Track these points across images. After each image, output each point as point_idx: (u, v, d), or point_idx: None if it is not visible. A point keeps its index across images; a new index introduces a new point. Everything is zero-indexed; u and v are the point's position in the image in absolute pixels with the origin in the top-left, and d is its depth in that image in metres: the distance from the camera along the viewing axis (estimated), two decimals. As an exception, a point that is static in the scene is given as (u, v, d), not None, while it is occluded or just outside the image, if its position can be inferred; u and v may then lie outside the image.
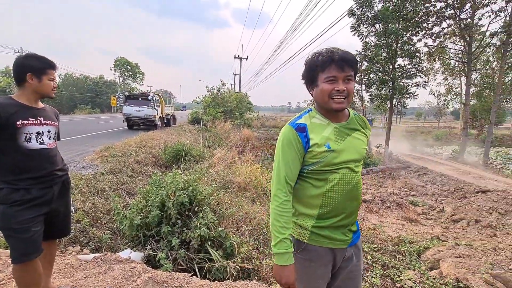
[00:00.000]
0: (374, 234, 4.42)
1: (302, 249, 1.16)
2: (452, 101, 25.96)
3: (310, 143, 1.12)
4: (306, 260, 1.16)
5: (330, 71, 1.09)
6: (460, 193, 7.17)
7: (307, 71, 1.17)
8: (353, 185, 1.15)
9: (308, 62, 1.16)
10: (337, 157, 1.12)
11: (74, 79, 48.25)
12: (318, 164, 1.12)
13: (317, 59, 1.12)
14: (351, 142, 1.17)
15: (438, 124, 40.53)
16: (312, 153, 1.12)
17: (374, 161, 11.56)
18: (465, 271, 2.89)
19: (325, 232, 1.15)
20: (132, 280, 2.06)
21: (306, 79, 1.19)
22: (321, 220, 1.15)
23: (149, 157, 7.71)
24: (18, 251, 1.52)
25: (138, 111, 14.20)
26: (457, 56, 17.40)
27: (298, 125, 1.15)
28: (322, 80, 1.11)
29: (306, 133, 1.13)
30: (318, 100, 1.16)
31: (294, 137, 1.13)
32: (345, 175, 1.14)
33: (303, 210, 1.18)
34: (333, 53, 1.09)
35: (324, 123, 1.16)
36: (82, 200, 3.92)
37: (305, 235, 1.16)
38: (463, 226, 4.96)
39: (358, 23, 12.62)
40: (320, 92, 1.12)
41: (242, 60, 30.05)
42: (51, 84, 1.66)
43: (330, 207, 1.14)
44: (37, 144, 1.58)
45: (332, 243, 1.16)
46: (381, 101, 13.72)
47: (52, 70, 1.66)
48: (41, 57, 1.65)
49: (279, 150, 1.16)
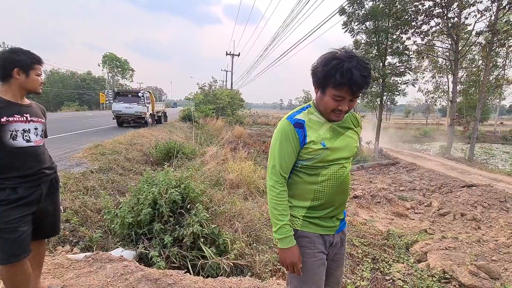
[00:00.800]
0: (364, 228, 4.51)
1: (297, 237, 1.21)
2: (439, 98, 26.64)
3: (307, 140, 1.15)
4: (302, 247, 1.22)
5: (341, 92, 1.08)
6: (447, 188, 7.38)
7: (321, 76, 1.10)
8: (342, 180, 1.22)
9: (326, 68, 1.08)
10: (330, 155, 1.17)
11: (60, 75, 46.88)
12: (313, 160, 1.17)
13: (334, 74, 1.05)
14: (344, 141, 1.21)
15: (426, 121, 41.48)
16: (308, 150, 1.16)
17: (365, 157, 11.75)
18: (451, 263, 3.00)
19: (314, 220, 1.22)
20: (125, 279, 2.04)
21: (316, 80, 1.15)
22: (312, 211, 1.22)
23: (140, 154, 7.61)
24: (6, 252, 1.48)
25: (128, 108, 13.95)
26: (445, 55, 17.80)
27: (296, 121, 1.17)
28: (330, 94, 1.10)
29: (303, 129, 1.16)
30: (319, 105, 1.18)
31: (292, 132, 1.16)
32: (336, 171, 1.19)
33: (295, 202, 1.24)
34: (352, 74, 1.03)
35: (321, 121, 1.19)
36: (71, 199, 3.85)
37: (297, 223, 1.23)
38: (449, 219, 5.11)
39: (349, 21, 12.73)
40: (323, 103, 1.14)
41: (234, 57, 29.89)
42: (39, 79, 1.62)
43: (321, 200, 1.20)
44: (23, 141, 1.54)
45: (323, 230, 1.23)
46: (372, 98, 13.93)
47: (39, 65, 1.62)
48: (28, 51, 1.60)
49: (276, 143, 1.18)
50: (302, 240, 1.22)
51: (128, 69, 52.10)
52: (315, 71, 1.14)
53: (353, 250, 3.61)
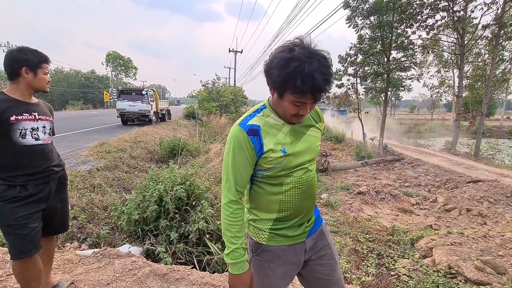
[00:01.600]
0: (369, 224, 4.51)
1: (260, 251, 1.12)
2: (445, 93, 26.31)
3: (264, 149, 1.01)
4: (265, 262, 1.12)
5: (302, 99, 0.93)
6: (452, 184, 7.33)
7: (278, 81, 0.93)
8: (308, 185, 1.10)
9: (284, 72, 0.90)
10: (293, 161, 1.04)
11: (64, 74, 47.23)
12: (273, 169, 1.04)
13: (294, 79, 0.89)
14: (306, 141, 1.09)
15: (431, 116, 41.05)
16: (267, 159, 1.02)
17: (369, 153, 11.69)
18: (457, 258, 2.99)
19: (282, 231, 1.11)
20: (133, 274, 2.08)
21: (272, 83, 0.97)
22: (279, 223, 1.11)
23: (144, 152, 7.67)
24: (17, 248, 1.51)
25: (132, 106, 14.03)
26: (450, 49, 17.55)
27: (249, 127, 1.02)
28: (289, 99, 0.95)
29: (259, 136, 1.01)
30: (277, 109, 1.03)
31: (245, 141, 1.00)
32: (301, 176, 1.08)
33: (261, 215, 1.12)
34: (314, 80, 0.88)
35: (279, 123, 1.04)
36: (78, 197, 3.91)
37: (263, 237, 1.11)
38: (455, 215, 5.09)
39: (353, 15, 12.59)
40: (282, 108, 1.00)
41: (236, 54, 29.78)
42: (46, 78, 1.63)
43: (288, 211, 1.09)
44: (32, 140, 1.56)
45: (291, 240, 1.12)
46: (376, 93, 13.81)
47: (46, 64, 1.63)
48: (35, 50, 1.61)
49: (229, 154, 1.03)
50: (266, 255, 1.12)
51: (132, 67, 52.27)
52: (269, 72, 0.96)
53: (358, 246, 3.62)
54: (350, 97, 14.47)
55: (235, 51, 29.70)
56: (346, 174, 9.12)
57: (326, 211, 5.42)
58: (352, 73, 13.71)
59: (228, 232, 1.06)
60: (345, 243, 3.64)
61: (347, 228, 4.23)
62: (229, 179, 1.04)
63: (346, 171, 9.46)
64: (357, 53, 13.00)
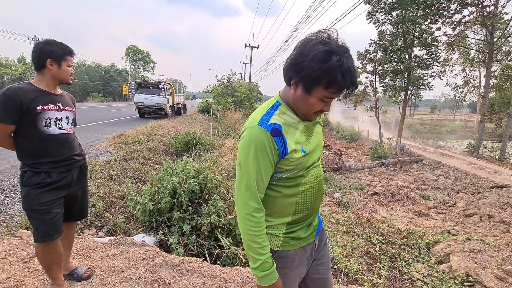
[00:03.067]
0: (383, 226, 4.41)
1: (275, 257, 1.05)
2: (469, 93, 25.04)
3: (288, 150, 0.94)
4: (279, 269, 1.05)
5: (332, 94, 0.90)
6: (474, 188, 7.01)
7: (315, 74, 0.86)
8: (320, 183, 1.08)
9: (325, 66, 0.84)
10: (309, 159, 1.00)
11: (86, 67, 48.95)
12: (293, 171, 0.98)
13: (335, 73, 0.85)
14: (316, 139, 1.06)
15: (454, 117, 39.31)
16: (289, 160, 0.95)
17: (385, 153, 11.38)
18: (476, 266, 2.86)
19: (296, 234, 1.06)
20: (147, 263, 2.14)
21: (302, 77, 0.89)
22: (292, 226, 1.06)
23: (160, 145, 7.84)
24: (41, 232, 1.58)
25: (149, 99, 14.35)
26: (478, 46, 16.63)
27: (272, 127, 0.93)
28: (319, 95, 0.90)
29: (282, 137, 0.94)
30: (299, 105, 0.96)
31: (269, 143, 0.92)
32: (315, 175, 1.05)
33: (275, 220, 1.05)
34: (351, 75, 0.86)
35: (295, 120, 0.99)
36: (96, 186, 4.05)
37: (277, 243, 1.05)
38: (475, 221, 4.87)
39: (375, 10, 12.17)
40: (307, 104, 0.93)
41: (253, 49, 29.66)
42: (70, 70, 1.68)
43: (304, 212, 1.05)
44: (56, 129, 1.63)
45: (303, 241, 1.08)
46: (395, 92, 13.35)
47: (70, 56, 1.68)
48: (60, 43, 1.67)
49: (249, 158, 0.92)
50: (281, 261, 1.05)
51: (150, 61, 53.37)
52: (301, 66, 0.88)
53: (371, 247, 3.54)
54: (368, 95, 14.08)
55: (251, 47, 29.58)
56: (360, 174, 8.93)
57: (339, 210, 5.34)
58: (371, 71, 13.31)
59: (254, 244, 0.95)
60: (357, 243, 3.57)
61: (360, 229, 4.16)
62: (250, 185, 0.94)
63: (361, 171, 9.26)
64: (377, 49, 12.58)
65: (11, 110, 1.48)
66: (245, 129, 0.96)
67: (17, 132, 1.56)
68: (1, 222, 2.87)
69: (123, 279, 1.94)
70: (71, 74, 1.71)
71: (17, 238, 2.46)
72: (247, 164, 0.93)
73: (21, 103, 1.49)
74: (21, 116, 1.51)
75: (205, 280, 2.02)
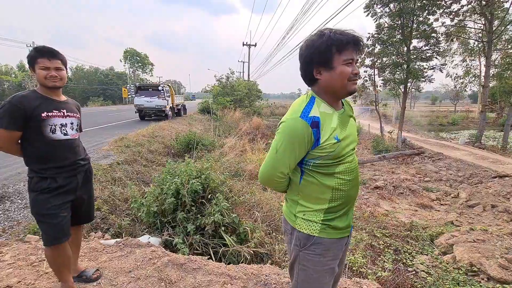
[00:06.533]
0: (386, 220, 4.43)
1: (310, 244, 1.10)
2: (470, 83, 24.85)
3: (321, 141, 1.03)
4: (315, 255, 1.10)
5: (349, 53, 1.01)
6: (476, 179, 7.00)
7: (319, 51, 1.02)
8: (356, 172, 1.14)
9: (320, 41, 1.01)
10: (343, 148, 1.07)
11: (84, 71, 49.02)
12: (326, 157, 1.05)
13: (334, 37, 1.00)
14: (351, 129, 1.13)
15: (455, 108, 39.06)
16: (322, 147, 1.04)
17: (387, 147, 11.36)
18: (479, 256, 2.88)
19: (334, 222, 1.11)
20: (153, 263, 2.17)
21: (316, 62, 1.04)
22: (330, 214, 1.11)
23: (161, 147, 7.88)
24: (49, 235, 1.62)
25: (149, 102, 14.39)
26: (477, 36, 16.51)
27: (312, 120, 1.02)
28: (339, 61, 1.01)
29: (318, 129, 1.03)
30: (334, 84, 1.04)
31: (308, 134, 1.02)
32: (350, 163, 1.11)
33: (312, 206, 1.11)
34: (348, 34, 1.01)
35: (330, 112, 1.07)
36: (100, 189, 4.10)
37: (315, 228, 1.10)
38: (478, 211, 4.88)
39: (372, 3, 12.10)
40: (338, 76, 1.02)
41: (250, 47, 29.58)
42: (43, 73, 1.58)
43: (340, 200, 1.10)
44: (61, 135, 1.66)
45: (340, 233, 1.12)
46: (395, 85, 13.30)
47: (42, 58, 1.58)
48: (36, 47, 1.62)
49: (287, 146, 1.04)
50: (317, 248, 1.10)
51: (148, 63, 53.35)
52: (310, 56, 1.05)
53: (374, 241, 3.57)
54: (367, 89, 14.03)
55: (248, 45, 29.50)
56: (362, 168, 8.94)
57: (342, 205, 5.36)
58: (369, 64, 13.26)
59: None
60: (361, 238, 3.59)
61: (363, 223, 4.18)
62: (281, 164, 1.07)
63: (363, 165, 9.27)
64: (375, 43, 12.53)
65: (15, 117, 1.51)
66: (288, 118, 1.06)
67: (24, 138, 1.60)
68: (9, 228, 2.92)
69: (131, 279, 1.98)
70: (49, 76, 1.59)
71: (26, 243, 2.50)
72: (284, 147, 1.05)
73: (25, 110, 1.52)
74: (26, 122, 1.54)
75: (210, 278, 2.05)
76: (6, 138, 1.55)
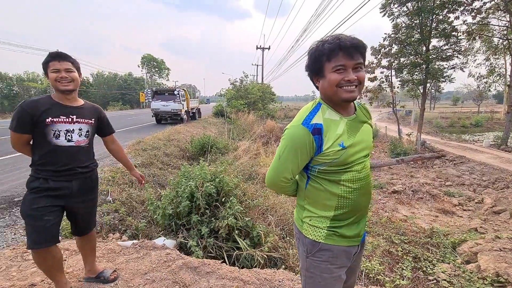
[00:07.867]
0: (404, 225, 4.28)
1: (317, 250, 1.09)
2: (494, 83, 23.64)
3: (323, 148, 1.03)
4: (322, 262, 1.09)
5: (338, 60, 0.99)
6: (502, 183, 6.63)
7: (312, 61, 1.06)
8: (366, 180, 1.10)
9: (313, 51, 1.05)
10: (350, 155, 1.05)
11: (104, 77, 51.05)
12: (331, 163, 1.04)
13: (322, 47, 1.01)
14: (362, 136, 1.09)
15: (478, 109, 37.27)
16: (325, 154, 1.03)
17: (405, 150, 11.00)
18: (507, 266, 2.72)
19: (340, 230, 1.09)
20: (168, 265, 2.21)
21: (311, 71, 1.09)
22: (336, 221, 1.09)
23: (177, 150, 8.04)
24: (30, 239, 1.56)
25: (165, 106, 14.74)
26: (501, 33, 15.72)
27: (314, 127, 1.02)
28: (329, 69, 1.01)
29: (321, 135, 1.02)
30: (326, 92, 1.05)
31: (309, 141, 1.02)
32: (359, 171, 1.08)
33: (318, 212, 1.11)
34: (340, 40, 0.99)
35: (336, 118, 1.06)
36: (119, 191, 4.23)
37: (320, 234, 1.09)
38: (505, 218, 4.61)
39: (389, 3, 11.84)
40: (327, 83, 1.03)
41: (264, 50, 29.69)
42: (54, 75, 1.59)
43: (346, 208, 1.08)
44: (64, 141, 1.63)
45: (348, 241, 1.10)
46: (413, 86, 12.89)
47: (53, 61, 1.60)
48: (50, 53, 1.64)
49: (289, 152, 1.05)
50: (323, 254, 1.09)
51: (164, 68, 54.80)
52: (307, 65, 1.11)
53: (392, 247, 3.45)
54: (384, 90, 13.69)
55: (262, 48, 29.62)
56: (379, 172, 8.70)
57: (358, 210, 5.24)
58: (386, 65, 12.93)
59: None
60: (378, 244, 3.49)
61: (380, 229, 4.06)
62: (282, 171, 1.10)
63: (380, 169, 9.02)
64: (392, 43, 12.22)
65: (23, 121, 1.56)
66: (291, 125, 1.08)
67: (33, 141, 1.65)
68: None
69: (146, 281, 2.02)
70: (60, 79, 1.59)
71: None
72: (286, 154, 1.07)
73: (32, 115, 1.55)
74: (33, 127, 1.58)
75: (224, 282, 2.06)
76: (16, 140, 1.62)
